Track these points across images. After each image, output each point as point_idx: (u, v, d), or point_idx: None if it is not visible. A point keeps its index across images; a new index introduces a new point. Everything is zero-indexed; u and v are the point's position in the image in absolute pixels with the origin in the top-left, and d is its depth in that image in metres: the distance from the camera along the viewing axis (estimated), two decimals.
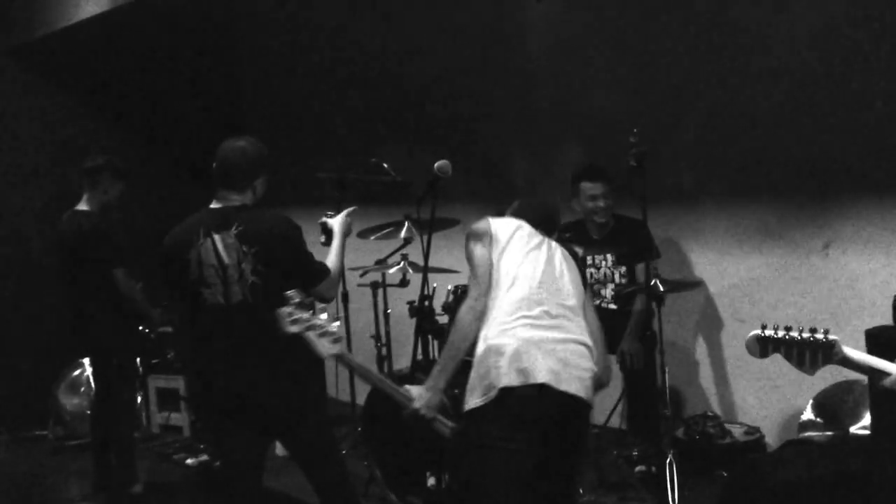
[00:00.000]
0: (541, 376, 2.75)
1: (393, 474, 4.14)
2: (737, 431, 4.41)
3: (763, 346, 2.42)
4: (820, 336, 2.38)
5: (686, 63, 4.80)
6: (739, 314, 4.74)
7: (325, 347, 2.92)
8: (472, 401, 2.83)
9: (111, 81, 6.71)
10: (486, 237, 3.04)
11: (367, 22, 6.25)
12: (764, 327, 2.43)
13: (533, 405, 2.76)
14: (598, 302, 4.72)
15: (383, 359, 5.14)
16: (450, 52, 5.79)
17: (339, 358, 3.01)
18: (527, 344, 2.80)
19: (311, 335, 2.90)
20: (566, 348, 2.84)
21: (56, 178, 6.21)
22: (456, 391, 3.26)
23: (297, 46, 6.88)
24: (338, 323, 2.98)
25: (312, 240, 3.39)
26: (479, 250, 3.02)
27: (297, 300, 2.91)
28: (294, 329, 2.88)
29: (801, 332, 2.40)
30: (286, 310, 2.89)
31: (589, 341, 2.93)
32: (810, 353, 2.38)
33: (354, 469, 4.22)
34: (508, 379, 2.76)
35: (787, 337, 2.39)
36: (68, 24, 5.79)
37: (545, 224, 3.23)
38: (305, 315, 2.90)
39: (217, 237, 3.17)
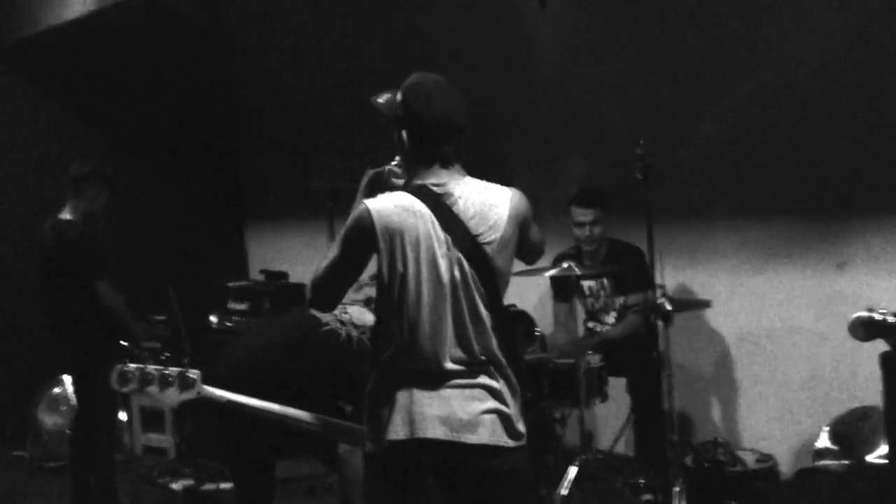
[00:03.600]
0: None
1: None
2: (748, 459, 4.38)
3: (868, 330, 2.40)
4: None
5: (696, 76, 4.83)
6: (751, 335, 4.75)
7: (171, 397, 2.84)
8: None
9: (97, 86, 6.68)
10: None
11: (365, 31, 6.29)
12: (871, 309, 2.40)
13: None
14: (600, 327, 4.75)
15: None
16: (452, 64, 5.79)
17: (200, 401, 2.90)
18: None
19: (152, 390, 2.83)
20: None
21: (37, 186, 6.20)
22: None
23: (292, 50, 6.92)
24: (188, 372, 2.84)
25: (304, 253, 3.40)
26: None
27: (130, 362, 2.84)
28: (127, 388, 2.82)
29: None
30: (117, 368, 2.84)
31: None
32: None
33: None
34: None
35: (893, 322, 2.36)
36: (54, 24, 5.80)
37: None
38: (141, 369, 2.82)
39: None
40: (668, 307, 4.14)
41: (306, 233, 6.52)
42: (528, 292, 5.11)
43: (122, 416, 5.92)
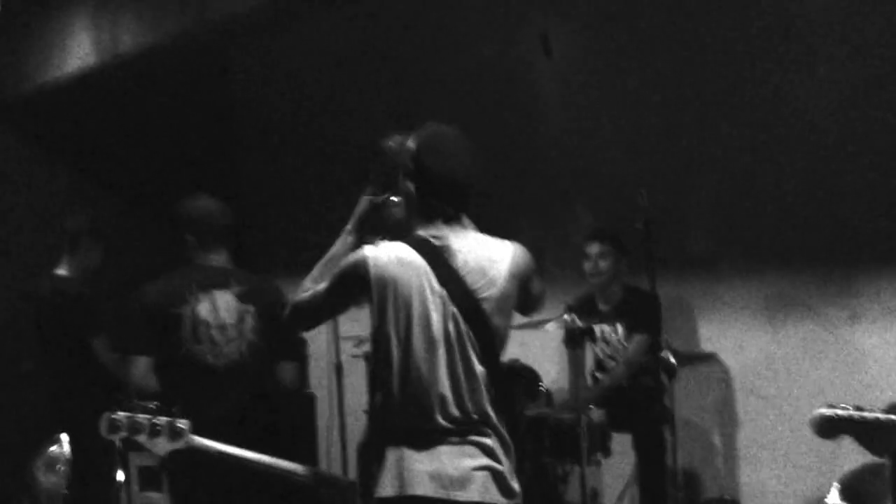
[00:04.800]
0: None
1: None
2: None
3: (833, 426, 2.35)
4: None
5: (705, 123, 4.84)
6: (759, 390, 4.69)
7: (161, 447, 2.83)
8: None
9: (97, 141, 6.74)
10: None
11: (368, 81, 6.36)
12: (832, 406, 2.36)
13: None
14: (606, 376, 4.71)
15: None
16: (455, 113, 5.77)
17: (190, 452, 2.88)
18: None
19: (141, 439, 2.82)
20: None
21: (35, 243, 6.21)
22: None
23: (292, 108, 7.00)
24: (177, 421, 2.83)
25: None
26: None
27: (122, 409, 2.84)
28: (116, 436, 2.82)
29: (871, 410, 2.32)
30: (106, 416, 2.84)
31: None
32: (883, 433, 2.29)
33: None
34: None
35: (859, 417, 2.31)
36: (51, 79, 5.88)
37: None
38: (131, 418, 2.82)
39: (218, 294, 3.29)
40: (673, 361, 4.12)
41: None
42: (535, 342, 5.06)
43: (120, 474, 5.87)
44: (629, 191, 4.28)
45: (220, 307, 3.35)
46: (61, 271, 4.70)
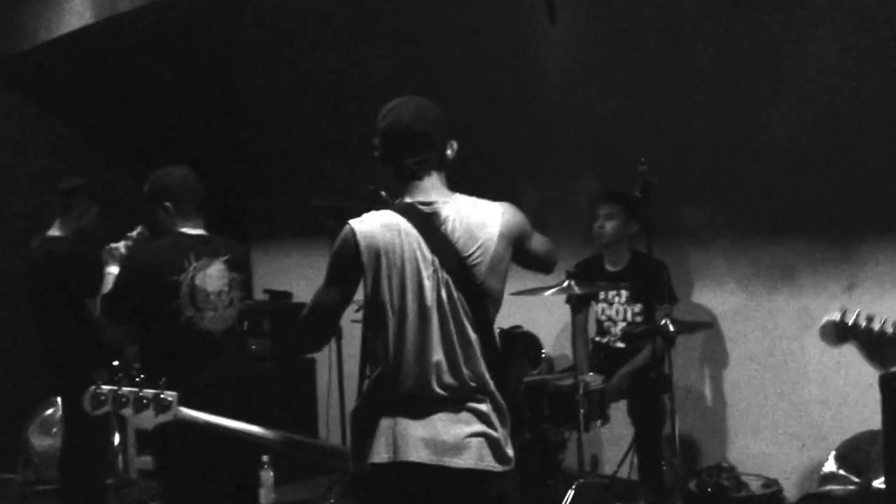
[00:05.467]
0: None
1: None
2: (753, 484, 4.34)
3: (840, 333, 2.37)
4: None
5: (705, 92, 4.83)
6: (758, 358, 4.71)
7: (147, 420, 2.82)
8: None
9: (96, 101, 6.68)
10: None
11: (373, 50, 6.32)
12: (843, 312, 2.38)
13: None
14: (605, 340, 4.71)
15: None
16: (460, 81, 5.82)
17: (179, 423, 2.88)
18: None
19: (126, 413, 2.82)
20: None
21: (32, 203, 6.20)
22: None
23: (298, 69, 6.95)
24: (163, 393, 2.82)
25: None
26: None
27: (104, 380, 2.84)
28: (100, 411, 2.82)
29: (883, 323, 2.34)
30: (90, 390, 2.84)
31: None
32: (889, 347, 2.32)
33: None
34: None
35: (867, 327, 2.34)
36: (50, 37, 5.83)
37: None
38: (114, 391, 2.81)
39: (210, 262, 3.44)
40: (671, 329, 4.11)
41: (311, 252, 6.52)
42: (541, 308, 5.06)
43: (116, 438, 5.89)
44: (630, 158, 4.26)
45: (213, 275, 3.45)
46: (55, 232, 4.67)
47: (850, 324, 2.34)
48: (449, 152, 2.65)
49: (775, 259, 4.65)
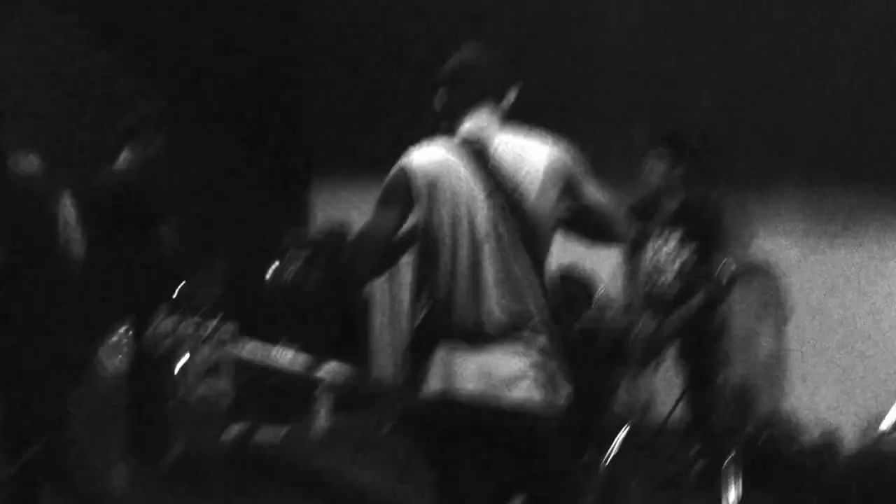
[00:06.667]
0: None
1: None
2: (808, 435, 4.31)
3: None
4: None
5: (765, 35, 4.69)
6: (817, 309, 4.61)
7: (205, 355, 2.88)
8: None
9: (156, 31, 6.66)
10: None
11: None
12: None
13: None
14: (658, 284, 4.64)
15: None
16: (515, 21, 5.73)
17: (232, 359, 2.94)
18: None
19: (188, 346, 2.85)
20: None
21: (95, 136, 6.28)
22: None
23: (358, 12, 6.91)
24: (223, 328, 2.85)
25: None
26: None
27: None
28: (162, 348, 2.85)
29: None
30: (153, 327, 2.87)
31: None
32: None
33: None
34: None
35: None
36: None
37: None
38: (174, 328, 2.84)
39: None
40: (726, 275, 4.04)
41: (375, 185, 6.54)
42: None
43: (182, 362, 6.06)
44: (686, 107, 4.16)
45: None
46: (121, 165, 4.77)
47: None
48: (506, 97, 2.69)
49: (838, 208, 4.54)
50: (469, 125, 2.64)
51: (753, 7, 4.71)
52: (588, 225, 2.70)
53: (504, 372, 2.53)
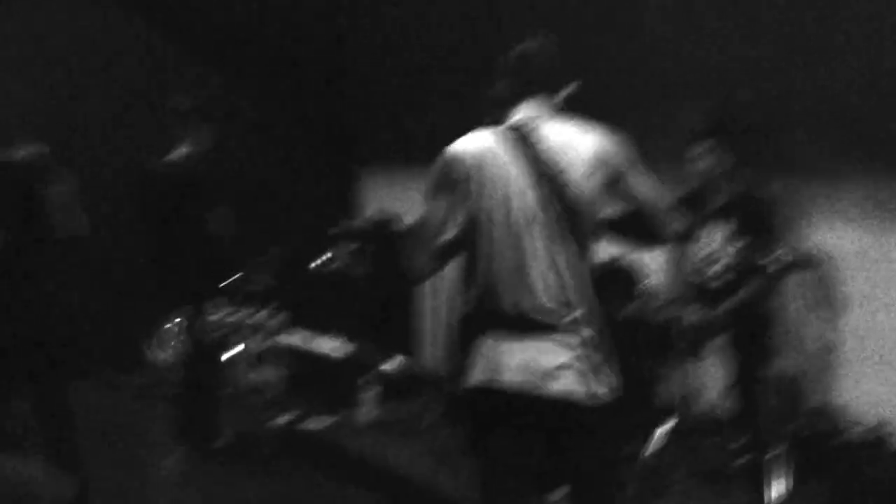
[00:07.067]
0: None
1: None
2: (860, 427, 4.24)
3: None
4: None
5: (825, 20, 4.59)
6: (873, 298, 4.52)
7: (255, 345, 2.93)
8: None
9: (212, 23, 6.84)
10: None
11: None
12: None
13: None
14: (706, 275, 4.59)
15: None
16: (562, 8, 5.70)
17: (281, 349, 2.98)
18: None
19: (235, 339, 2.90)
20: None
21: (156, 122, 6.40)
22: None
23: (405, 14, 6.94)
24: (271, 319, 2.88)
25: None
26: None
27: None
28: (212, 337, 2.90)
29: None
30: (204, 317, 2.90)
31: None
32: None
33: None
34: None
35: None
36: None
37: None
38: (223, 318, 2.89)
39: None
40: (776, 266, 3.99)
41: (420, 179, 6.59)
42: None
43: (234, 351, 6.16)
44: (741, 87, 4.10)
45: None
46: (178, 151, 4.83)
47: None
48: (562, 90, 2.71)
49: (893, 197, 4.43)
50: (519, 114, 2.65)
51: None
52: (633, 225, 2.68)
53: (547, 364, 2.52)
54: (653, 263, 5.10)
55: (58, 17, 6.39)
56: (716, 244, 4.53)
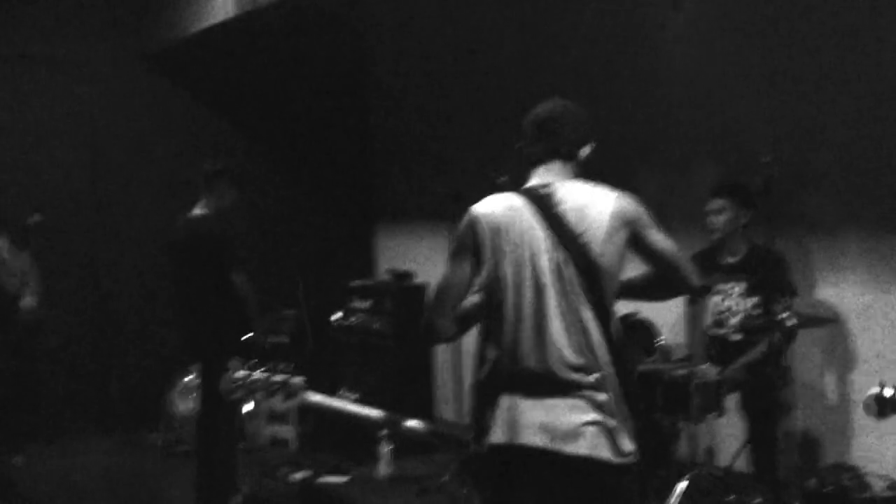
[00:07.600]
0: None
1: None
2: (878, 485, 4.22)
3: (881, 406, 2.33)
4: None
5: (834, 79, 4.67)
6: (883, 355, 4.55)
7: (277, 405, 2.95)
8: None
9: (238, 89, 7.18)
10: None
11: (497, 40, 6.42)
12: (882, 385, 2.33)
13: None
14: (722, 332, 4.64)
15: None
16: (581, 67, 5.83)
17: (304, 408, 3.02)
18: None
19: (258, 398, 2.91)
20: None
21: (180, 186, 6.54)
22: None
23: (426, 57, 7.13)
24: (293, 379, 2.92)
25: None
26: None
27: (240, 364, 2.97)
28: (234, 396, 2.93)
29: None
30: (225, 376, 2.95)
31: None
32: None
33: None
34: None
35: None
36: (201, 27, 6.17)
37: None
38: (247, 377, 2.91)
39: None
40: (790, 322, 4.02)
41: (434, 235, 6.70)
42: None
43: (249, 406, 6.19)
44: (753, 146, 4.18)
45: None
46: (199, 210, 4.94)
47: (889, 397, 2.29)
48: (582, 150, 2.74)
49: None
50: (539, 174, 2.71)
51: (822, 48, 4.71)
52: (655, 282, 2.72)
53: (568, 423, 2.52)
54: (665, 319, 5.16)
55: (101, 87, 6.73)
56: (732, 299, 4.59)
